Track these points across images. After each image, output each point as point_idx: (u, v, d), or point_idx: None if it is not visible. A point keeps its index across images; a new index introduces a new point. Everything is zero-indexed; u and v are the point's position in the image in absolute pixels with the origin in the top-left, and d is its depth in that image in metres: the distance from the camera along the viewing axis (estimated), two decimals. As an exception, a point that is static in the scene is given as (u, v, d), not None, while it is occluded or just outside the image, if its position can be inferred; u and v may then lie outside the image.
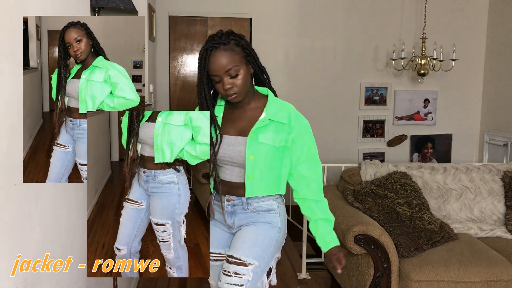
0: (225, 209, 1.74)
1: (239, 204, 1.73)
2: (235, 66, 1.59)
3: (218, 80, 1.61)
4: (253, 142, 1.65)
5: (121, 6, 2.50)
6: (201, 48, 1.62)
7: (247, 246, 1.66)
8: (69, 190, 1.69)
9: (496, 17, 5.16)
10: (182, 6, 4.98)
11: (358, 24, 5.19)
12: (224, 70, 1.58)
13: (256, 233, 1.70)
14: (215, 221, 1.83)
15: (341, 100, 5.23)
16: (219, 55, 1.58)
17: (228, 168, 1.72)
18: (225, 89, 1.60)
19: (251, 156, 1.65)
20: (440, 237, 2.75)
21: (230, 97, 1.63)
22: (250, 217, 1.73)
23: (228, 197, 1.74)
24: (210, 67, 1.60)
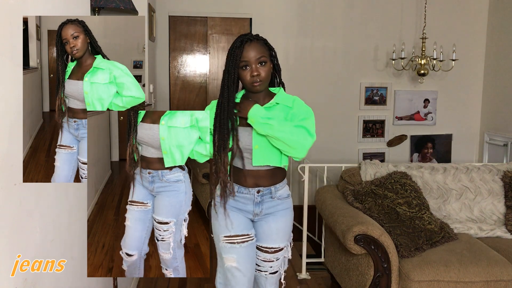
0: (255, 199, 1.92)
1: (268, 193, 1.94)
2: (264, 57, 1.82)
3: (247, 67, 1.80)
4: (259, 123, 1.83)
5: (121, 6, 2.50)
6: (234, 41, 1.82)
7: (281, 236, 2.01)
8: (69, 190, 1.69)
9: (496, 17, 5.16)
10: (182, 6, 4.98)
11: (358, 24, 5.19)
12: (256, 57, 1.80)
13: (285, 223, 2.02)
14: (235, 208, 1.94)
15: (341, 100, 5.22)
16: (253, 45, 1.81)
17: (248, 157, 1.87)
18: (253, 75, 1.79)
19: (256, 145, 1.85)
20: (440, 237, 2.75)
21: (254, 84, 1.80)
22: (275, 205, 1.97)
23: (259, 189, 1.92)
24: (244, 54, 1.80)
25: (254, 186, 1.92)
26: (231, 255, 1.91)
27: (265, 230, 1.99)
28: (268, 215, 1.97)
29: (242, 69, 1.81)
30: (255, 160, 1.87)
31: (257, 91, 1.85)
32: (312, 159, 4.57)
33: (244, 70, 1.81)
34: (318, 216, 3.99)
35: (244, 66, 1.81)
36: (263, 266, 2.01)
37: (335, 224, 2.72)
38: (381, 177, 3.05)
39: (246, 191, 1.93)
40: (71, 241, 1.71)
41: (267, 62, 1.83)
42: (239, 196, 1.93)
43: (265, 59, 1.82)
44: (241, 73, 1.82)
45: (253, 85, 1.81)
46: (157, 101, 4.72)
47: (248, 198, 1.93)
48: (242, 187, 1.93)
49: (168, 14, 4.97)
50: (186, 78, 5.12)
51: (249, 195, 1.93)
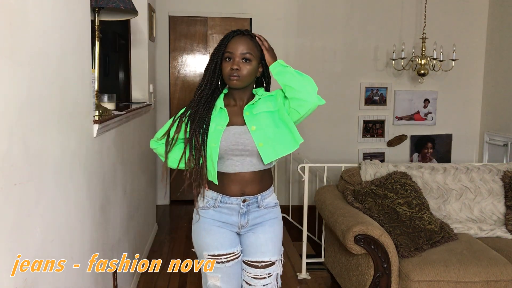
0: (240, 210, 1.76)
1: (254, 203, 1.78)
2: (251, 55, 1.71)
3: (230, 58, 1.71)
4: (250, 116, 1.73)
5: (121, 6, 2.49)
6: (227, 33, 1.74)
7: (271, 248, 1.81)
8: (69, 190, 1.69)
9: (496, 17, 5.16)
10: (182, 6, 4.99)
11: (358, 24, 5.19)
12: (241, 51, 1.70)
13: (274, 233, 1.82)
14: (218, 222, 1.78)
15: (341, 100, 5.23)
16: (243, 39, 1.72)
17: (237, 160, 1.73)
18: (233, 68, 1.69)
19: (253, 126, 1.71)
20: (440, 237, 2.75)
21: (231, 77, 1.70)
22: (262, 215, 1.80)
23: (245, 198, 1.76)
24: (230, 45, 1.71)
25: (240, 194, 1.75)
26: (215, 274, 1.77)
27: (252, 242, 1.81)
28: (255, 226, 1.81)
29: (226, 60, 1.72)
30: (266, 158, 1.70)
31: (233, 86, 1.73)
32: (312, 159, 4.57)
33: (227, 61, 1.71)
34: (318, 216, 4.00)
35: (228, 57, 1.71)
36: (254, 284, 1.81)
37: (335, 224, 2.72)
38: (381, 177, 3.04)
39: (229, 201, 1.76)
40: (71, 241, 1.72)
41: (252, 61, 1.72)
42: (222, 207, 1.76)
43: (251, 57, 1.71)
44: (223, 64, 1.73)
45: (230, 78, 1.70)
46: (157, 101, 4.72)
47: (232, 209, 1.76)
48: (225, 196, 1.76)
49: (168, 14, 4.97)
50: (186, 78, 5.12)
51: (234, 205, 1.76)
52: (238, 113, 1.77)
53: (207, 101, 1.74)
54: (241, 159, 1.73)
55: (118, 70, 4.55)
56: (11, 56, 1.19)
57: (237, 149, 1.71)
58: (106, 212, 2.28)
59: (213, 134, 1.71)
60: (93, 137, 2.02)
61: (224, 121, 1.73)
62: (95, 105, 2.18)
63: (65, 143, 1.63)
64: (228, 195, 1.75)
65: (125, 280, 2.75)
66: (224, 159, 1.73)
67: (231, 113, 1.76)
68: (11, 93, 1.19)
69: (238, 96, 1.79)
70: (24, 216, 1.28)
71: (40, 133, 1.39)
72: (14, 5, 1.20)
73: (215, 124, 1.72)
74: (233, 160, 1.72)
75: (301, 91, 1.68)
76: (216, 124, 1.72)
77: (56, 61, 1.53)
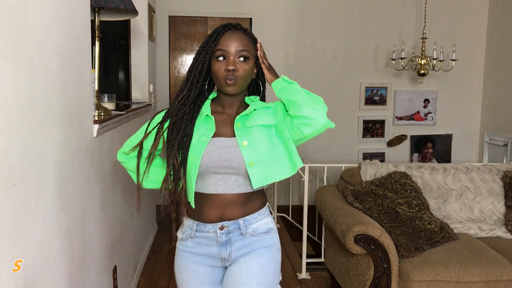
0: (218, 239, 1.46)
1: (236, 229, 1.46)
2: (248, 52, 1.42)
3: (223, 57, 1.41)
4: (242, 129, 1.44)
5: (121, 6, 2.49)
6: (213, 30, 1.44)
7: (254, 284, 1.44)
8: (69, 190, 1.69)
9: (496, 17, 5.16)
10: (182, 6, 4.99)
11: (358, 24, 5.19)
12: (237, 48, 1.40)
13: (261, 265, 1.46)
14: (194, 256, 1.50)
15: (341, 100, 5.23)
16: (237, 34, 1.43)
17: (220, 178, 1.44)
18: (229, 69, 1.38)
19: (244, 142, 1.42)
20: (440, 237, 2.75)
21: (228, 80, 1.40)
22: (249, 244, 1.47)
23: (222, 225, 1.45)
24: (223, 41, 1.41)
25: (217, 220, 1.45)
26: None
27: (234, 277, 1.46)
28: (240, 257, 1.48)
29: (217, 59, 1.41)
30: (256, 181, 1.42)
31: (229, 92, 1.42)
32: (312, 159, 4.57)
33: (219, 61, 1.41)
34: (318, 216, 3.99)
35: (219, 56, 1.41)
36: None
37: (335, 224, 2.72)
38: (381, 177, 3.04)
39: (205, 229, 1.46)
40: (71, 241, 1.71)
41: (250, 59, 1.42)
42: (199, 237, 1.47)
43: (248, 55, 1.42)
44: (214, 65, 1.42)
45: (225, 81, 1.40)
46: (157, 101, 4.72)
47: (210, 238, 1.47)
48: (201, 224, 1.47)
49: (168, 14, 4.97)
50: (186, 78, 5.12)
51: (211, 234, 1.46)
52: (227, 122, 1.48)
53: (191, 109, 1.45)
54: (225, 177, 1.43)
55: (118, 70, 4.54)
56: (11, 56, 1.19)
57: (221, 165, 1.42)
58: (106, 212, 2.27)
59: (195, 146, 1.43)
60: (93, 137, 2.02)
61: (209, 131, 1.44)
62: (95, 105, 2.18)
63: (65, 143, 1.63)
64: (204, 221, 1.46)
65: (125, 280, 2.75)
66: (205, 177, 1.44)
67: (218, 122, 1.47)
68: (11, 93, 1.19)
69: (228, 102, 1.50)
70: (24, 216, 1.28)
71: (40, 133, 1.39)
72: (14, 5, 1.20)
73: (198, 135, 1.44)
74: (215, 179, 1.43)
75: (308, 107, 1.39)
76: (200, 134, 1.44)
77: (56, 61, 1.53)
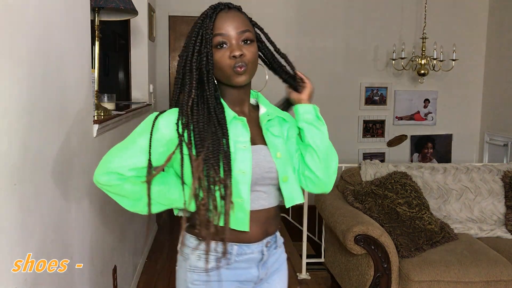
0: (264, 258, 1.28)
1: (273, 243, 1.32)
2: (250, 33, 1.20)
3: (224, 43, 1.18)
4: (272, 137, 1.27)
5: (121, 6, 2.49)
6: (199, 16, 1.22)
7: None
8: (69, 190, 1.69)
9: (496, 17, 5.16)
10: (182, 6, 4.99)
11: (358, 24, 5.19)
12: (237, 30, 1.18)
13: (285, 278, 1.39)
14: (230, 282, 1.26)
15: (341, 100, 5.23)
16: (233, 13, 1.21)
17: (265, 191, 1.25)
18: (235, 54, 1.16)
19: (279, 153, 1.25)
20: (440, 237, 2.75)
21: (238, 69, 1.17)
22: (278, 257, 1.35)
23: (268, 240, 1.29)
24: (218, 24, 1.18)
25: (263, 237, 1.27)
26: None
27: None
28: (273, 274, 1.34)
29: (216, 48, 1.18)
30: (289, 200, 1.26)
31: (240, 83, 1.19)
32: (312, 159, 4.56)
33: (219, 49, 1.18)
34: (318, 216, 3.99)
35: (219, 44, 1.18)
36: None
37: (335, 224, 2.72)
38: (381, 177, 3.04)
39: (250, 250, 1.25)
40: (71, 241, 1.71)
41: (254, 41, 1.21)
42: (240, 261, 1.25)
43: (252, 36, 1.20)
44: (216, 56, 1.18)
45: (235, 70, 1.17)
46: (157, 101, 4.72)
47: (251, 260, 1.26)
48: (243, 245, 1.24)
49: (168, 14, 4.97)
50: (186, 78, 5.12)
51: (255, 255, 1.26)
52: (251, 125, 1.26)
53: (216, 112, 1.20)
54: (269, 190, 1.26)
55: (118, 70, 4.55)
56: (11, 56, 1.18)
57: (269, 177, 1.24)
58: (106, 212, 2.27)
59: (236, 156, 1.18)
60: (93, 137, 2.02)
61: (244, 137, 1.21)
62: (95, 105, 2.18)
63: (65, 143, 1.62)
64: (249, 242, 1.24)
65: (125, 280, 2.75)
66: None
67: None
68: (11, 93, 1.19)
69: (237, 98, 1.26)
70: (24, 216, 1.28)
71: (40, 133, 1.39)
72: (14, 5, 1.20)
73: (232, 142, 1.19)
74: (259, 192, 1.24)
75: (323, 167, 1.28)
76: (234, 141, 1.19)
77: (56, 61, 1.53)
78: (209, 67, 1.18)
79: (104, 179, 1.19)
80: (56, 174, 1.53)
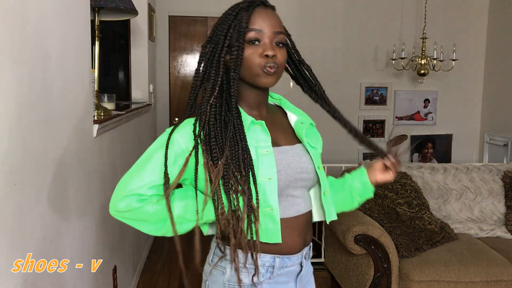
0: (302, 270, 1.20)
1: (308, 253, 1.23)
2: (283, 35, 1.16)
3: (257, 40, 1.10)
4: (309, 147, 1.23)
5: (121, 6, 2.50)
6: (234, 6, 1.14)
7: None
8: (69, 190, 1.69)
9: (496, 17, 5.16)
10: (182, 6, 4.98)
11: (358, 24, 5.19)
12: (273, 29, 1.12)
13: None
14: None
15: (341, 100, 5.20)
16: (269, 12, 1.15)
17: (299, 195, 1.17)
18: (268, 54, 1.09)
19: (320, 164, 1.23)
20: (440, 237, 2.75)
21: (268, 69, 1.10)
22: (309, 268, 1.27)
23: (306, 251, 1.21)
24: (254, 19, 1.10)
25: (303, 246, 1.19)
26: None
27: None
28: (305, 287, 1.25)
29: (248, 43, 1.10)
30: (330, 213, 1.22)
31: (266, 84, 1.12)
32: (312, 159, 4.56)
33: (251, 45, 1.10)
34: (318, 216, 3.99)
35: (252, 39, 1.10)
36: None
37: (335, 224, 2.72)
38: (381, 177, 3.04)
39: (290, 262, 1.16)
40: (71, 241, 1.71)
41: (285, 46, 1.17)
42: (281, 274, 1.16)
43: (285, 39, 1.16)
44: (246, 52, 1.10)
45: (264, 70, 1.09)
46: (157, 101, 4.72)
47: (291, 273, 1.18)
48: (285, 257, 1.14)
49: (168, 14, 4.97)
50: (186, 78, 5.12)
51: (294, 267, 1.18)
52: (272, 128, 1.18)
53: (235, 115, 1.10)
54: (303, 193, 1.18)
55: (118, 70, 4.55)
56: (11, 56, 1.18)
57: (301, 178, 1.16)
58: (106, 212, 2.27)
59: (258, 162, 1.09)
60: (93, 137, 2.02)
61: (265, 141, 1.12)
62: (95, 105, 2.18)
63: (65, 143, 1.62)
64: (289, 253, 1.15)
65: (125, 280, 2.75)
66: (281, 198, 1.12)
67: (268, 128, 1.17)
68: (11, 93, 1.19)
69: (257, 99, 1.19)
70: (24, 216, 1.28)
71: (40, 133, 1.39)
72: (14, 5, 1.20)
73: (254, 148, 1.10)
74: (293, 197, 1.15)
75: (336, 211, 1.30)
76: (256, 147, 1.11)
77: (56, 61, 1.53)
78: (237, 63, 1.09)
79: (123, 204, 1.07)
80: (56, 174, 1.53)
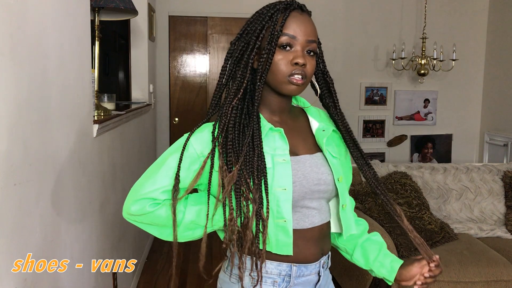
0: (320, 280, 1.18)
1: (326, 262, 1.21)
2: (316, 44, 1.11)
3: (289, 46, 1.06)
4: (330, 157, 1.17)
5: (121, 6, 2.50)
6: (268, 6, 1.09)
7: None
8: (69, 190, 1.69)
9: (496, 17, 5.16)
10: (182, 6, 4.98)
11: (358, 24, 5.19)
12: (307, 37, 1.07)
13: None
14: None
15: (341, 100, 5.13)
16: (306, 18, 1.09)
17: (315, 206, 1.13)
18: (298, 62, 1.04)
19: (340, 177, 1.16)
20: (440, 237, 2.75)
21: (295, 79, 1.05)
22: (327, 277, 1.24)
23: (324, 260, 1.18)
24: (289, 24, 1.05)
25: (320, 255, 1.17)
26: None
27: None
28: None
29: (279, 48, 1.05)
30: (347, 229, 1.18)
31: (291, 93, 1.08)
32: (312, 159, 4.57)
33: (281, 50, 1.05)
34: (318, 216, 3.99)
35: (284, 44, 1.05)
36: None
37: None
38: (381, 177, 3.05)
39: (308, 271, 1.14)
40: (71, 241, 1.71)
41: (315, 55, 1.11)
42: (298, 283, 1.13)
43: (315, 48, 1.11)
44: (277, 57, 1.05)
45: (291, 79, 1.05)
46: (157, 101, 4.72)
47: (308, 282, 1.16)
48: (302, 266, 1.12)
49: (168, 14, 4.97)
50: (186, 78, 5.12)
51: (312, 276, 1.16)
52: (292, 135, 1.14)
53: (254, 120, 1.06)
54: (320, 205, 1.14)
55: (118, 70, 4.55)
56: (11, 56, 1.18)
57: (318, 190, 1.12)
58: (106, 212, 2.27)
59: (274, 171, 1.05)
60: (93, 137, 2.02)
61: (282, 149, 1.08)
62: (95, 105, 2.18)
63: (65, 143, 1.63)
64: (306, 262, 1.13)
65: (125, 280, 2.75)
66: (295, 209, 1.09)
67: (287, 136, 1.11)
68: (11, 93, 1.19)
69: (279, 106, 1.14)
70: (24, 216, 1.28)
71: (40, 133, 1.39)
72: (13, 5, 1.20)
73: (270, 156, 1.07)
74: (309, 209, 1.11)
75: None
76: (272, 155, 1.07)
77: (56, 61, 1.53)
78: (266, 68, 1.05)
79: (136, 208, 1.06)
80: (56, 174, 1.53)
